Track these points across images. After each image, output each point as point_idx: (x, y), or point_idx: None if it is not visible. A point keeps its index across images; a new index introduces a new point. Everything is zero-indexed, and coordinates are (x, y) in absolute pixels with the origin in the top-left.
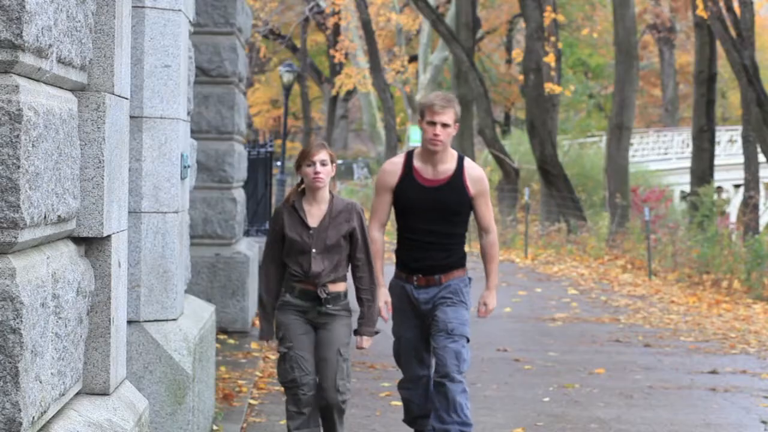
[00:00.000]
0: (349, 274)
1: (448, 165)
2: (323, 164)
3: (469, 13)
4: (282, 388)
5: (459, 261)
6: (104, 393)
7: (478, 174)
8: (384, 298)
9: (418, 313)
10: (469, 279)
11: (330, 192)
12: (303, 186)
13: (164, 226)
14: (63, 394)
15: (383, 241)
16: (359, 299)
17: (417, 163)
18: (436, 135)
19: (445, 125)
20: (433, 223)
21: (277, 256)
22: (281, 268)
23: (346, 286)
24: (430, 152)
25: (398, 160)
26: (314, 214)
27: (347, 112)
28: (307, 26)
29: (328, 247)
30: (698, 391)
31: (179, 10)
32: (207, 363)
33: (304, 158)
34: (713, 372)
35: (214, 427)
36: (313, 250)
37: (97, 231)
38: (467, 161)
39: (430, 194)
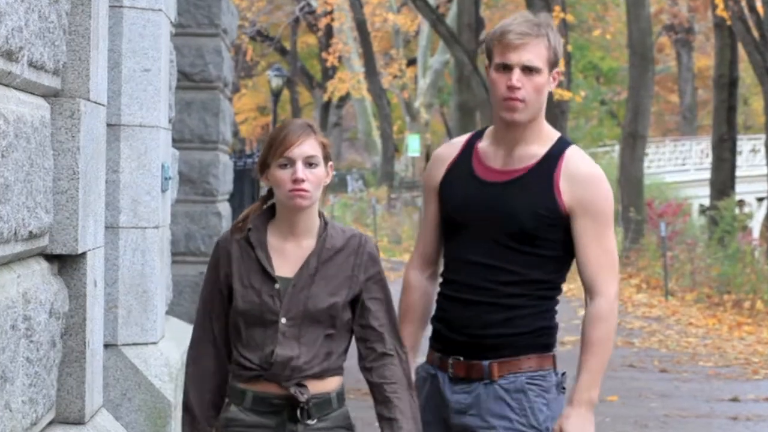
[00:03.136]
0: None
1: (534, 147)
2: (309, 164)
3: (472, 13)
4: None
5: (535, 336)
6: (79, 422)
7: (584, 171)
8: None
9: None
10: (561, 376)
11: (321, 215)
12: (271, 202)
13: (144, 243)
14: (35, 424)
15: (425, 289)
16: (381, 413)
17: (483, 143)
18: (512, 88)
19: (529, 69)
20: (486, 250)
21: (217, 328)
22: (224, 351)
23: (341, 382)
24: (505, 125)
25: (458, 139)
26: (288, 254)
27: (341, 120)
28: (298, 27)
29: (310, 314)
30: (718, 420)
31: (159, 10)
32: None
33: (274, 152)
34: (734, 399)
35: None
36: (282, 320)
37: (71, 248)
38: (573, 149)
39: (488, 194)
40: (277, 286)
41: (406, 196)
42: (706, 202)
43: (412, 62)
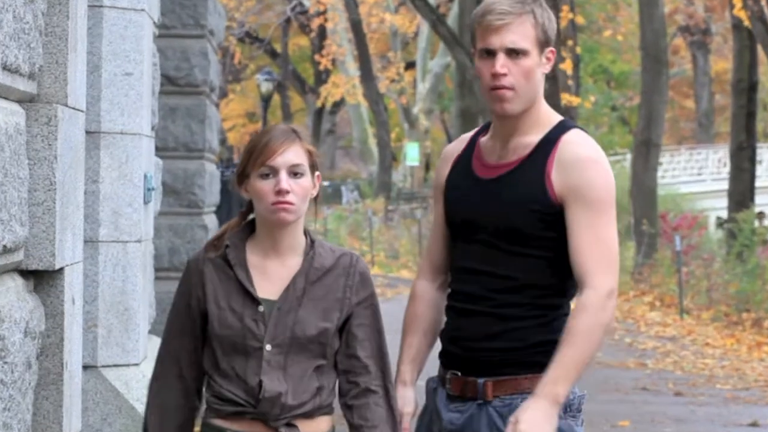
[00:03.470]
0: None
1: (530, 136)
2: (294, 173)
3: None
4: None
5: (537, 351)
6: None
7: (577, 154)
8: (403, 403)
9: None
10: (573, 398)
11: (306, 233)
12: (251, 216)
13: (125, 258)
14: None
15: (433, 300)
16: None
17: (485, 137)
18: (497, 76)
19: (515, 52)
20: (481, 255)
21: (185, 359)
22: (193, 385)
23: (332, 423)
24: (499, 117)
25: (467, 134)
26: (271, 273)
27: (335, 127)
28: (289, 28)
29: (298, 341)
30: None
31: (142, 10)
32: None
33: (255, 161)
34: (754, 424)
35: None
36: (267, 348)
37: (48, 263)
38: (571, 133)
39: (481, 192)
40: (261, 308)
41: (404, 208)
42: (724, 214)
43: (410, 65)
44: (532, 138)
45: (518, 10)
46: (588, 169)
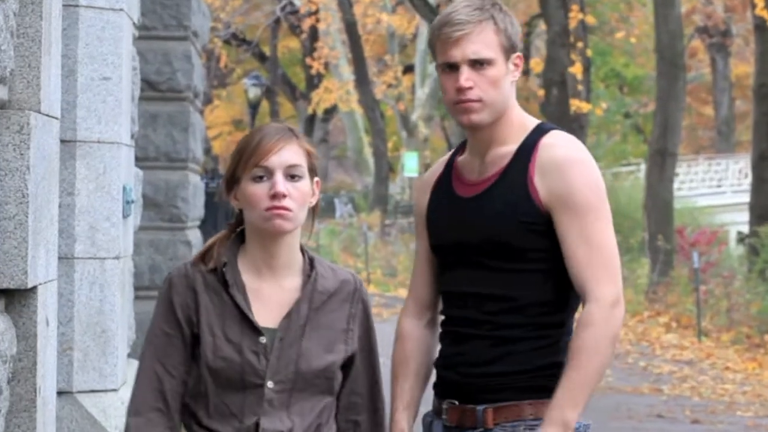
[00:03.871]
0: None
1: (506, 147)
2: (292, 176)
3: None
4: None
5: (539, 375)
6: None
7: (557, 156)
8: None
9: None
10: (584, 428)
11: (303, 250)
12: (240, 227)
13: (102, 276)
14: None
15: (422, 339)
16: None
17: (462, 156)
18: (462, 89)
19: (479, 63)
20: (472, 276)
21: (170, 389)
22: (179, 419)
23: None
24: (471, 131)
25: (444, 158)
26: (266, 297)
27: (327, 135)
28: (278, 29)
29: (302, 376)
30: None
31: (121, 10)
32: None
33: (246, 162)
34: None
35: None
36: (269, 385)
37: (19, 281)
38: (550, 135)
39: (465, 211)
40: (263, 339)
41: (402, 223)
42: (745, 228)
43: (408, 69)
44: (509, 147)
45: (477, 17)
46: (569, 171)
